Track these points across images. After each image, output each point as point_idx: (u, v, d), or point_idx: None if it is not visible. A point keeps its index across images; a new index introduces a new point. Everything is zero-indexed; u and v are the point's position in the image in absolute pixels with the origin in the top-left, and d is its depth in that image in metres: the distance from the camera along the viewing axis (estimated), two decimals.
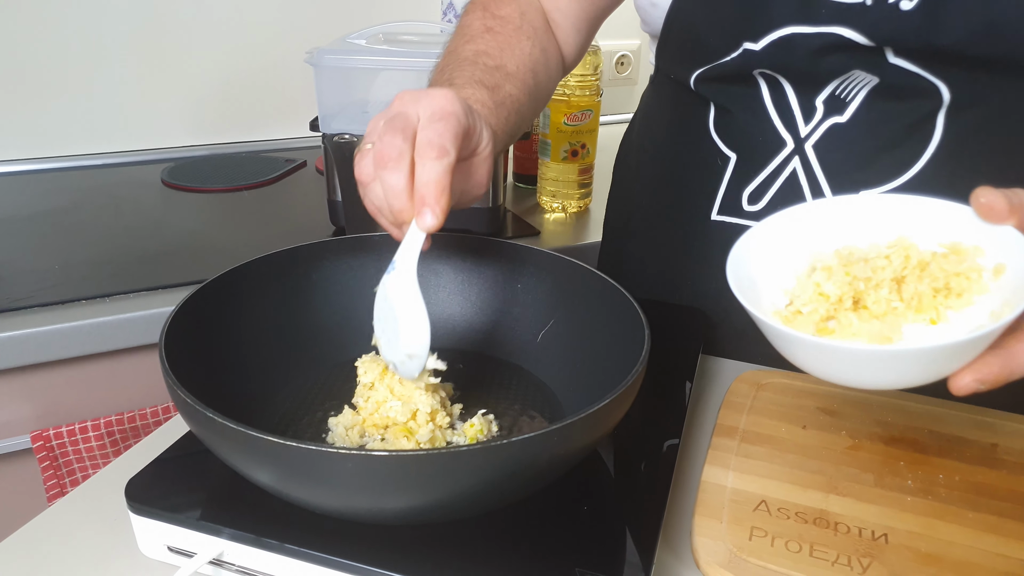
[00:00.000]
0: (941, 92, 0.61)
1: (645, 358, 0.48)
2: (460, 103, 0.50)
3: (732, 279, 0.47)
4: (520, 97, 0.66)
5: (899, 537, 0.49)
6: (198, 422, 0.43)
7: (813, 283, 0.48)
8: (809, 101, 0.66)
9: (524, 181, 1.29)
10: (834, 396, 0.64)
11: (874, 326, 0.46)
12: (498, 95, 0.62)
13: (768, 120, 0.68)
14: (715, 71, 0.70)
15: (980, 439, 0.58)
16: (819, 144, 0.67)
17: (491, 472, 0.41)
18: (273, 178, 1.29)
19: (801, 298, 0.48)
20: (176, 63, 1.36)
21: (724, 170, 0.73)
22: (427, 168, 0.48)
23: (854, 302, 0.47)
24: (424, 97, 0.50)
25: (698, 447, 0.61)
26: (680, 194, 0.78)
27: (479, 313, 0.65)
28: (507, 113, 0.63)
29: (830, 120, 0.65)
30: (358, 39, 1.05)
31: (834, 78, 0.64)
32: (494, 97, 0.62)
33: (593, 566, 0.44)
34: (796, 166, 0.68)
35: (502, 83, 0.64)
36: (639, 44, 1.67)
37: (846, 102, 0.64)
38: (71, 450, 0.89)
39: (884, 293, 0.46)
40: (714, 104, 0.72)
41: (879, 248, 0.49)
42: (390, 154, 0.48)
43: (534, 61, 0.70)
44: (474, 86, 0.61)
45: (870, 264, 0.47)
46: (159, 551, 0.49)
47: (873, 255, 0.48)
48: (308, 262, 0.63)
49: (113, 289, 0.90)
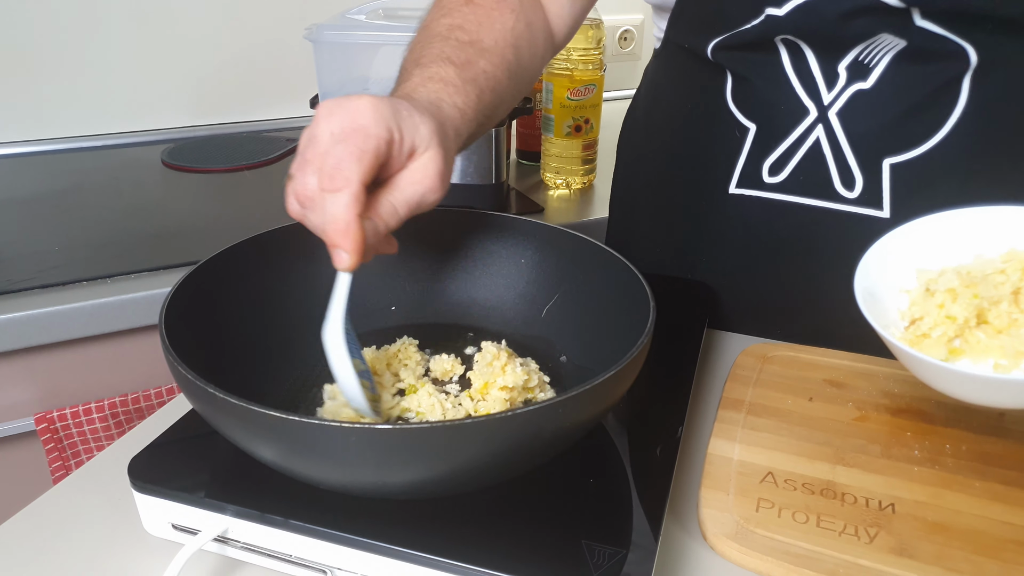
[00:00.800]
0: (968, 55, 0.60)
1: (650, 330, 0.47)
2: (372, 112, 0.47)
3: (861, 300, 0.50)
4: (497, 74, 0.62)
5: (906, 507, 0.49)
6: (199, 399, 0.43)
7: (936, 305, 0.49)
8: (832, 68, 0.65)
9: (527, 158, 1.28)
10: (840, 368, 0.63)
11: (1003, 341, 0.48)
12: (468, 72, 0.59)
13: (790, 88, 0.67)
14: (735, 39, 0.68)
15: (986, 408, 0.58)
16: (843, 111, 0.65)
17: (496, 444, 0.40)
18: (274, 158, 1.29)
19: (927, 321, 0.50)
20: (176, 43, 1.35)
21: (743, 142, 0.71)
22: (328, 205, 0.45)
23: (978, 319, 0.48)
24: (337, 110, 0.47)
25: (704, 420, 0.60)
26: (695, 168, 0.77)
27: (483, 288, 0.65)
28: (479, 91, 0.59)
29: (854, 87, 0.64)
30: (358, 15, 1.04)
31: (859, 43, 0.63)
32: (463, 74, 0.58)
33: (600, 538, 0.44)
34: (819, 135, 0.67)
35: (475, 59, 0.60)
36: (642, 19, 1.65)
37: (870, 68, 0.63)
38: (75, 432, 0.90)
39: (1004, 307, 0.47)
40: (732, 74, 0.71)
41: (995, 263, 0.50)
42: (305, 194, 0.47)
43: (516, 36, 0.66)
44: (440, 63, 0.58)
45: (989, 280, 0.48)
46: (163, 529, 0.49)
47: (990, 271, 0.49)
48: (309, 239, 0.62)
49: (114, 270, 0.90)
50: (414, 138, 0.49)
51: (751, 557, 0.46)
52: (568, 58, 1.07)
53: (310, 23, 1.03)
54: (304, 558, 0.46)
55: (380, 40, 1.01)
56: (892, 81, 0.63)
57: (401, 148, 0.48)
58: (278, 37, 1.40)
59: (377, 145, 0.46)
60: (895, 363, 0.64)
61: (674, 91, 0.80)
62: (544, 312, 0.62)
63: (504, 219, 0.64)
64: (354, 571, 0.45)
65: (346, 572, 0.45)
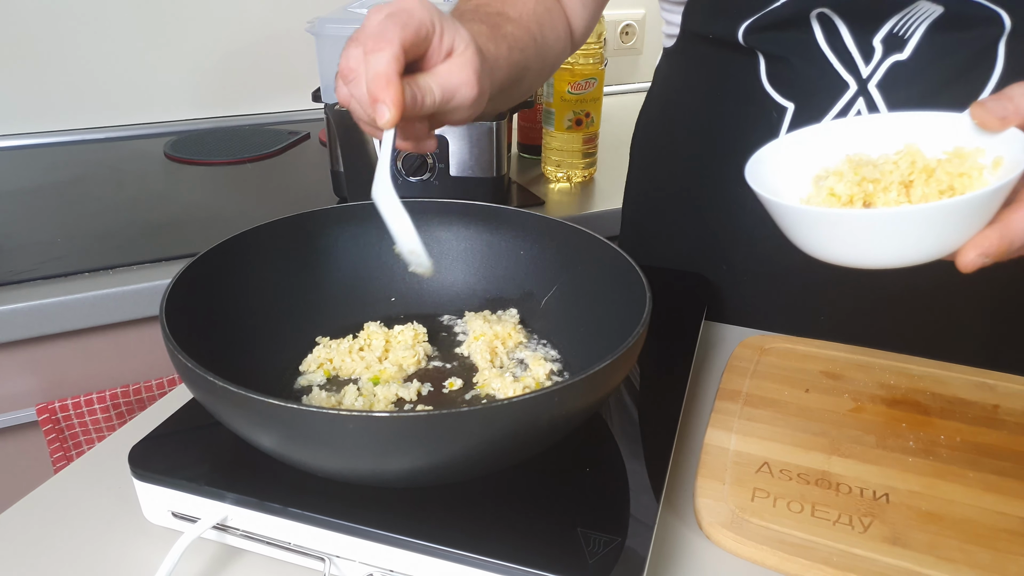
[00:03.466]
0: (1003, 20, 0.61)
1: (646, 320, 0.48)
2: (418, 2, 0.50)
3: (753, 183, 0.48)
4: (523, 38, 0.65)
5: (900, 496, 0.49)
6: (200, 387, 0.44)
7: (826, 187, 0.48)
8: (866, 41, 0.65)
9: (529, 151, 1.28)
10: (837, 360, 0.64)
11: None
12: (498, 31, 0.62)
13: (827, 64, 0.67)
14: (767, 19, 0.68)
15: (981, 400, 0.58)
16: (882, 83, 0.66)
17: (493, 432, 0.41)
18: (276, 150, 1.29)
19: (814, 200, 0.49)
20: (179, 36, 1.35)
21: (780, 122, 0.71)
22: (369, 63, 0.48)
23: (864, 205, 0.47)
24: (385, 5, 0.51)
25: (702, 411, 0.61)
26: (727, 156, 0.76)
27: (483, 280, 0.65)
28: (508, 46, 0.63)
29: (891, 58, 0.65)
30: (360, 8, 1.04)
31: (895, 12, 0.63)
32: (493, 33, 0.62)
33: (595, 526, 0.44)
34: (861, 108, 0.67)
35: (502, 24, 0.64)
36: (644, 13, 1.65)
37: (905, 39, 0.64)
38: (76, 422, 0.90)
39: (893, 195, 0.46)
40: (764, 55, 0.71)
41: (887, 156, 0.49)
42: (350, 66, 0.50)
43: (539, 15, 0.70)
44: (471, 23, 0.61)
45: (879, 168, 0.47)
46: (163, 517, 0.49)
47: (882, 162, 0.48)
48: (309, 230, 0.63)
49: (116, 261, 0.91)
50: (454, 37, 0.52)
51: (746, 546, 0.46)
52: None
53: (312, 16, 1.03)
54: (303, 545, 0.46)
55: None
56: (928, 51, 0.64)
57: (441, 42, 0.52)
58: (280, 30, 1.40)
59: (420, 24, 0.50)
60: (892, 355, 0.64)
61: (698, 81, 0.80)
62: (543, 303, 0.63)
63: (503, 211, 0.65)
64: (352, 558, 0.45)
65: (344, 559, 0.45)
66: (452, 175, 1.04)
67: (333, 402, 0.54)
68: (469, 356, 0.59)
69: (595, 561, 0.42)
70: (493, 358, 0.58)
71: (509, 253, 0.65)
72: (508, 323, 0.61)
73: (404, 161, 1.03)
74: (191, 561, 0.47)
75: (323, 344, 0.59)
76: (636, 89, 1.71)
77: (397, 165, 1.03)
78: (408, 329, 0.60)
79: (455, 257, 0.66)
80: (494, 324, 0.60)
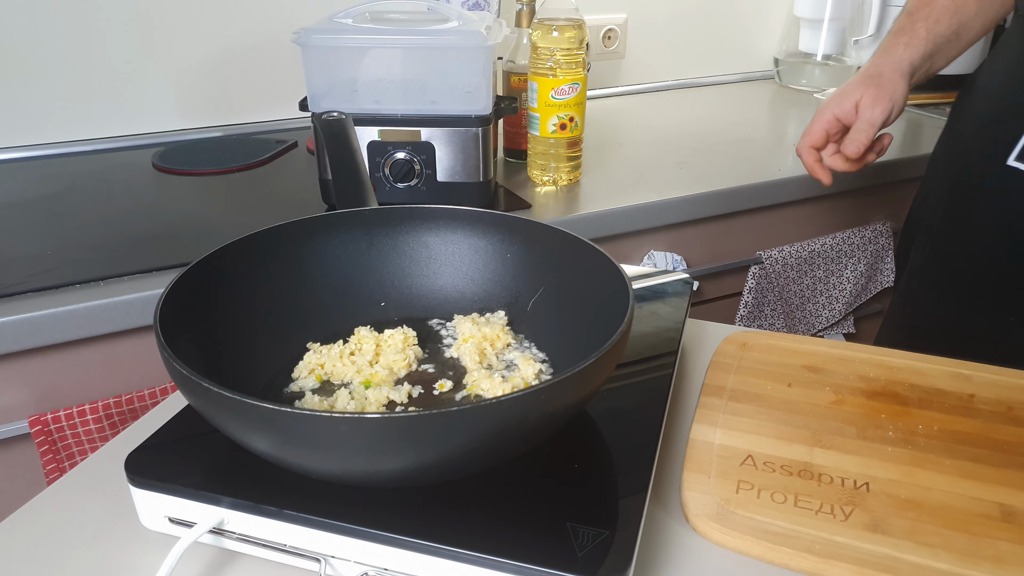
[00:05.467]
0: None
1: (629, 319, 0.49)
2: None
3: None
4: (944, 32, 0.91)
5: (880, 485, 0.51)
6: (195, 393, 0.44)
7: None
8: None
9: (514, 155, 1.29)
10: (818, 354, 0.65)
11: None
12: (922, 12, 0.91)
13: None
14: None
15: (958, 390, 0.60)
16: None
17: (481, 431, 0.42)
18: (265, 159, 1.30)
19: None
20: (165, 46, 1.36)
21: None
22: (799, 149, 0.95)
23: None
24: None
25: (687, 406, 0.62)
26: None
27: (470, 283, 0.66)
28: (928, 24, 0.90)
29: None
30: (345, 18, 1.05)
31: None
32: (913, 16, 0.91)
33: (584, 520, 0.45)
34: None
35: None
36: (625, 18, 1.67)
37: None
38: (69, 434, 0.91)
39: None
40: None
41: None
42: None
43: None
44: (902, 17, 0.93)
45: None
46: (160, 523, 0.50)
47: None
48: (297, 238, 0.64)
49: (107, 272, 0.91)
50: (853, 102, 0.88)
51: (731, 537, 0.48)
52: (552, 57, 1.08)
53: (298, 25, 1.04)
54: (298, 547, 0.47)
55: (367, 43, 1.02)
56: None
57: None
58: (268, 39, 1.41)
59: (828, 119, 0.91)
60: (872, 348, 0.66)
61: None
62: (530, 305, 0.64)
63: (490, 216, 0.66)
64: (347, 558, 0.46)
65: (339, 559, 0.46)
66: (439, 180, 1.05)
67: (325, 406, 0.55)
68: (458, 358, 0.60)
69: (584, 554, 0.43)
70: (482, 359, 0.59)
71: (496, 256, 0.66)
72: (496, 325, 0.62)
73: (392, 168, 1.04)
74: (188, 565, 0.48)
75: (314, 350, 0.60)
76: (619, 92, 1.73)
77: (385, 171, 1.04)
78: (398, 333, 0.61)
79: (443, 262, 0.67)
80: (482, 326, 0.61)
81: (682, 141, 1.40)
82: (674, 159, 1.30)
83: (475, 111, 1.02)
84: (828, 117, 0.91)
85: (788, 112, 1.64)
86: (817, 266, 1.33)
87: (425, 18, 1.10)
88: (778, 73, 1.81)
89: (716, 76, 1.84)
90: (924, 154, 1.34)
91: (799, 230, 1.33)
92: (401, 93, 1.03)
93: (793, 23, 1.80)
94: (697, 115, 1.60)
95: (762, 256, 1.27)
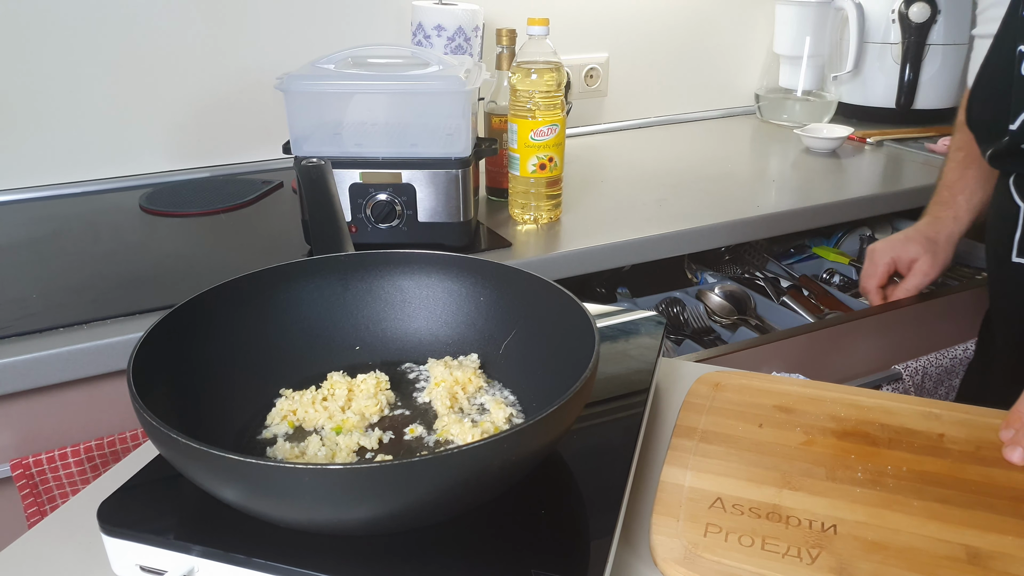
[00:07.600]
0: None
1: (594, 365, 0.50)
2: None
3: None
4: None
5: (847, 527, 0.51)
6: (163, 443, 0.45)
7: None
8: None
9: (496, 194, 1.31)
10: (790, 394, 0.66)
11: None
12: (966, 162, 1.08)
13: None
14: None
15: (928, 429, 0.60)
16: None
17: (445, 480, 0.42)
18: (250, 200, 1.31)
19: None
20: (152, 90, 1.38)
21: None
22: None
23: None
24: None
25: (659, 448, 0.62)
26: None
27: (444, 326, 0.67)
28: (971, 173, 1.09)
29: None
30: (327, 63, 1.07)
31: None
32: (961, 166, 1.08)
33: (550, 567, 0.45)
34: None
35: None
36: (607, 56, 1.69)
37: None
38: (51, 477, 0.90)
39: None
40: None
41: None
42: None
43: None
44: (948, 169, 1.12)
45: None
46: (131, 571, 0.50)
47: None
48: (273, 284, 0.64)
49: (92, 315, 0.92)
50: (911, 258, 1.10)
51: None
52: (531, 98, 1.10)
53: (283, 68, 1.06)
54: None
55: (349, 88, 1.04)
56: None
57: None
58: (253, 83, 1.43)
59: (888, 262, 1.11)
60: (842, 387, 0.66)
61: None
62: (503, 348, 0.65)
63: (463, 260, 0.67)
64: None
65: None
66: (420, 221, 1.06)
67: (296, 452, 0.55)
68: (430, 402, 0.61)
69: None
70: (453, 404, 0.59)
71: (469, 300, 0.67)
72: (468, 368, 0.62)
73: (373, 209, 1.05)
74: None
75: (287, 396, 0.60)
76: (601, 130, 1.75)
77: (367, 212, 1.05)
78: (371, 378, 0.62)
79: (418, 305, 0.68)
80: (455, 370, 0.62)
81: (662, 179, 1.42)
82: (654, 196, 1.32)
83: (455, 153, 1.03)
84: (888, 260, 1.12)
85: (769, 147, 1.66)
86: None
87: (406, 63, 1.12)
88: (759, 108, 1.84)
89: (698, 112, 1.87)
90: (907, 188, 1.37)
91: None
92: (382, 136, 1.05)
93: (773, 60, 1.84)
94: (678, 151, 1.62)
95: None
